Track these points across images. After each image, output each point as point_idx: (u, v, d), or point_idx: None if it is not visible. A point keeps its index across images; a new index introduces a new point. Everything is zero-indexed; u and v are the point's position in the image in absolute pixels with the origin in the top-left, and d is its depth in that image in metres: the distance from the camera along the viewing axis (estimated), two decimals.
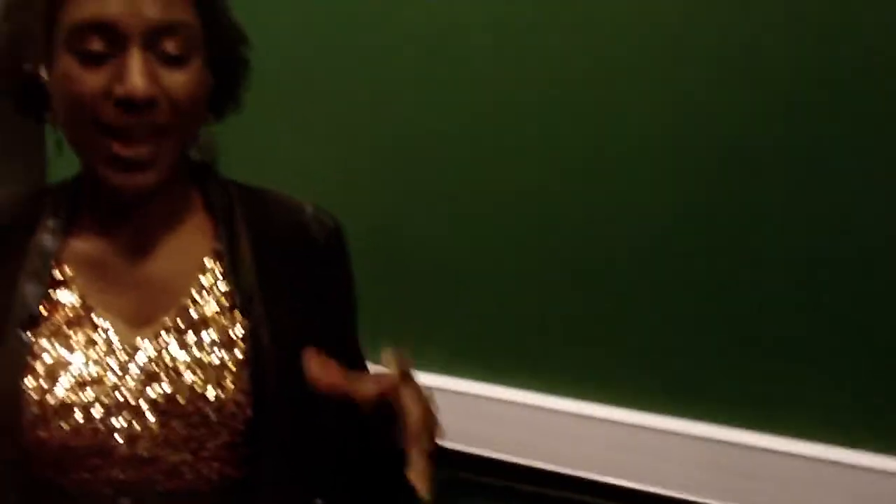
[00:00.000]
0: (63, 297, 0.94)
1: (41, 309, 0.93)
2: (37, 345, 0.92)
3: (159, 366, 0.93)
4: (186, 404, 0.92)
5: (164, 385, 0.92)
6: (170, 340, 0.94)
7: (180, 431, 0.92)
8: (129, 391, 0.92)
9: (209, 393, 0.92)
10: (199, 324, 0.95)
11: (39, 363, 0.91)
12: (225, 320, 0.95)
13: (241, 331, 0.95)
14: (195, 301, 0.95)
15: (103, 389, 0.92)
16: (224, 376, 0.93)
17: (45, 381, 0.91)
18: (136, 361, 0.93)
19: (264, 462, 0.94)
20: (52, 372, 0.91)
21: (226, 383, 0.93)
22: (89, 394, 0.91)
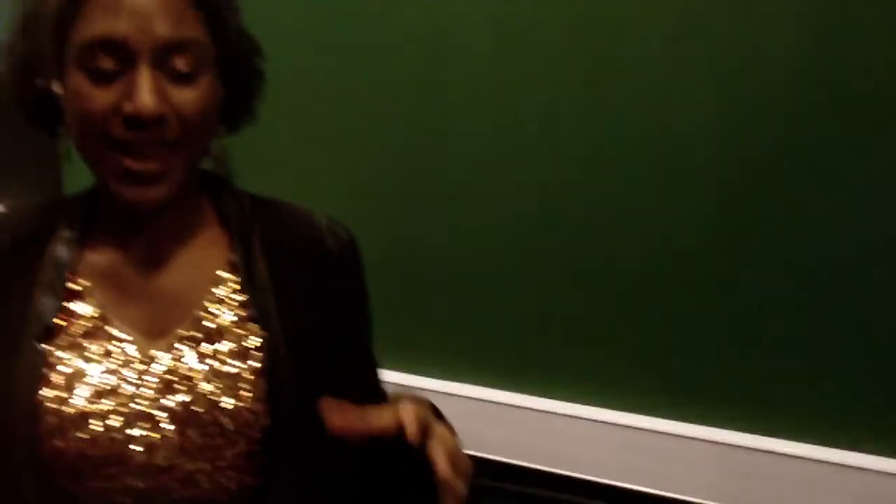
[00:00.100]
0: (79, 309, 0.94)
1: (57, 320, 0.93)
2: (53, 356, 0.92)
3: (175, 376, 0.93)
4: (203, 413, 0.92)
5: (181, 395, 0.92)
6: (185, 351, 0.94)
7: (197, 440, 0.92)
8: (146, 401, 0.92)
9: (225, 402, 0.92)
10: (214, 334, 0.95)
11: (56, 374, 0.91)
12: (240, 331, 0.95)
13: (256, 341, 0.95)
14: (210, 312, 0.95)
15: (120, 399, 0.91)
16: (240, 386, 0.93)
17: (62, 391, 0.90)
18: (152, 371, 0.93)
19: (281, 471, 0.94)
20: (68, 382, 0.91)
21: (242, 393, 0.93)
22: (106, 404, 0.91)
